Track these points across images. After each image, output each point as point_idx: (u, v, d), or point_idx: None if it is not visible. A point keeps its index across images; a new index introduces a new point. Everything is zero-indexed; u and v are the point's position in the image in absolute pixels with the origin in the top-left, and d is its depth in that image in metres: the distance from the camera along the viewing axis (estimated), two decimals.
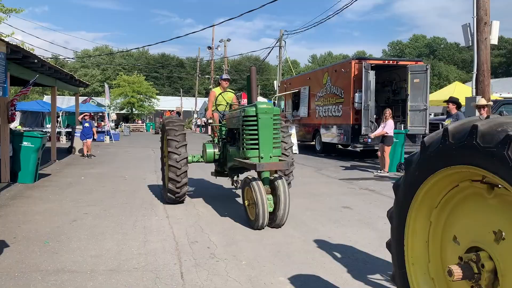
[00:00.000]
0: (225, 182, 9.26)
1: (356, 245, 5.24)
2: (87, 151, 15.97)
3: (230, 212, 6.98)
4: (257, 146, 5.98)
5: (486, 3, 10.65)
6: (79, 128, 17.50)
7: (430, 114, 18.74)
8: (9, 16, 17.76)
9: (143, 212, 6.98)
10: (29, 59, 10.26)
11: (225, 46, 41.57)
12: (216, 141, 7.93)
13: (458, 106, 9.24)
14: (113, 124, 36.23)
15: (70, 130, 17.76)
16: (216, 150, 7.64)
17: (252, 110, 6.01)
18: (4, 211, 6.96)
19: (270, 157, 6.00)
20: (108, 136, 25.60)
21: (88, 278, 4.12)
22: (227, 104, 8.17)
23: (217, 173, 8.19)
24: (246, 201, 6.09)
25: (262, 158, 5.94)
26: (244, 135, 6.10)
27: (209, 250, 5.01)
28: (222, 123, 7.88)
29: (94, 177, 10.99)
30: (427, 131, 14.53)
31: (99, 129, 27.26)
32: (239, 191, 8.02)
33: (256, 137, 5.98)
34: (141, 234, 5.65)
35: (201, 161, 7.88)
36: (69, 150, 17.32)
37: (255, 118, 5.97)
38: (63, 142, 23.76)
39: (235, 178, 7.71)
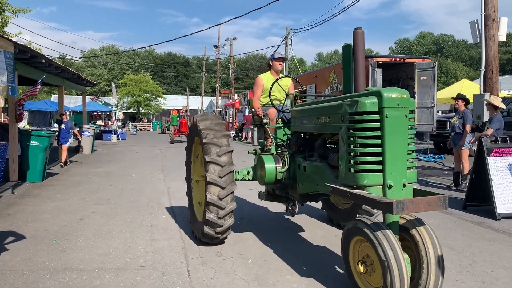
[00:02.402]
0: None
1: None
2: (65, 158, 12.85)
3: (236, 210, 6.96)
4: (380, 166, 3.46)
5: (494, 0, 10.54)
6: (86, 127, 17.58)
7: (438, 112, 18.62)
8: (17, 16, 17.88)
9: (150, 210, 7.00)
10: (36, 59, 10.34)
11: (231, 44, 41.58)
12: (272, 151, 5.35)
13: (467, 103, 9.17)
14: (120, 123, 36.41)
15: (77, 129, 17.74)
16: (280, 166, 5.06)
17: (372, 102, 3.47)
18: (13, 209, 7.02)
19: (404, 186, 3.49)
20: (115, 135, 25.72)
21: (96, 276, 4.14)
22: (287, 95, 5.74)
23: (269, 196, 5.71)
24: (356, 262, 3.54)
25: (390, 187, 3.44)
26: (352, 146, 3.56)
27: (215, 248, 5.01)
28: (278, 122, 5.54)
29: (102, 176, 11.05)
30: (434, 129, 14.48)
31: (106, 128, 27.41)
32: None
33: (380, 150, 3.46)
34: (148, 233, 5.67)
35: (248, 179, 5.47)
36: (77, 149, 17.42)
37: (377, 117, 3.46)
38: (71, 141, 23.86)
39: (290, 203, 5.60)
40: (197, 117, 5.23)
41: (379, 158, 3.45)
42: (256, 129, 6.32)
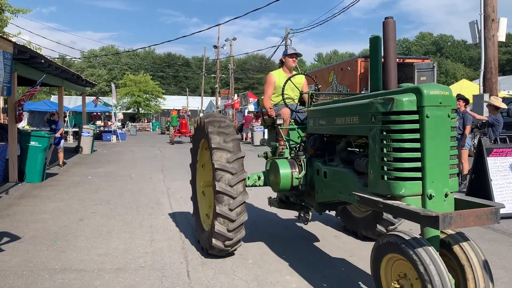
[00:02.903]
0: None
1: (356, 250, 5.22)
2: (62, 159, 12.55)
3: None
4: (419, 173, 3.03)
5: (494, 0, 10.56)
6: (86, 128, 17.58)
7: None
8: (16, 16, 17.87)
9: (150, 211, 7.00)
10: (36, 59, 10.34)
11: (231, 45, 41.55)
12: (286, 154, 4.85)
13: (467, 103, 9.19)
14: (120, 124, 36.41)
15: (77, 129, 17.64)
16: (296, 172, 4.53)
17: (410, 100, 3.04)
18: (12, 210, 7.01)
19: (446, 196, 3.08)
20: (115, 136, 25.72)
21: (95, 277, 4.14)
22: (301, 93, 5.26)
23: (282, 204, 5.22)
24: (391, 283, 3.05)
25: (431, 197, 3.02)
26: (385, 150, 3.12)
27: None
28: (290, 123, 5.19)
29: (101, 176, 11.04)
30: None
31: (106, 129, 27.40)
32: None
33: (419, 154, 3.03)
34: (148, 233, 5.66)
35: (258, 185, 5.04)
36: (76, 150, 17.41)
37: (416, 117, 3.03)
38: (70, 141, 23.88)
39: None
40: (213, 143, 4.44)
41: (418, 164, 3.01)
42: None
